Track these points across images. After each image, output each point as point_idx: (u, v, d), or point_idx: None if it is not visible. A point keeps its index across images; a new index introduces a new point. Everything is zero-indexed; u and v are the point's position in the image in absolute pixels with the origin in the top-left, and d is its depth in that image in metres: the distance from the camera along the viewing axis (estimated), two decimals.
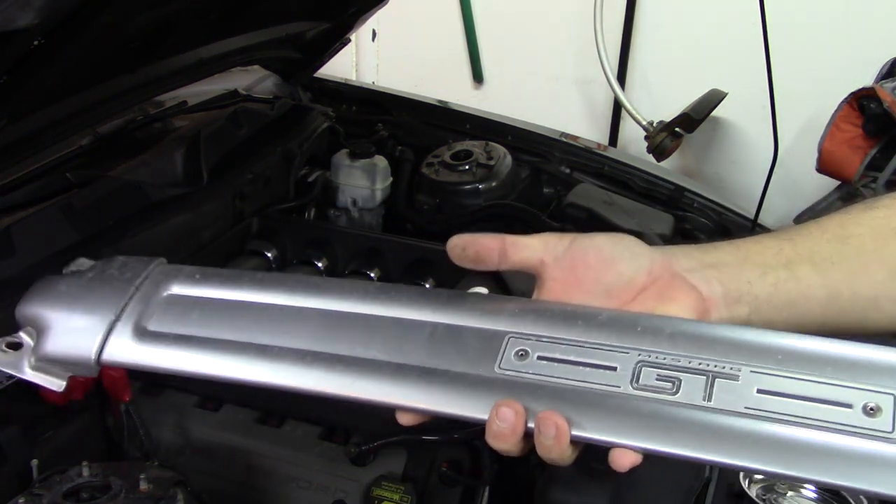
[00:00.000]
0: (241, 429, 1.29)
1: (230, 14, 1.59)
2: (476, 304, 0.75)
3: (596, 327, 0.69)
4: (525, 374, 0.68)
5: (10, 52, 1.03)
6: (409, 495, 1.18)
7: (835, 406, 0.61)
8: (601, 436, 0.63)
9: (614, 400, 0.64)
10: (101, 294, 0.83)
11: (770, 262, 0.74)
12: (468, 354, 0.70)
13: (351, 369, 0.72)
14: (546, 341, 0.69)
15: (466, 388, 0.68)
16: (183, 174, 1.66)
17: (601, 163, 2.15)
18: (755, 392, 0.62)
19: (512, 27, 3.72)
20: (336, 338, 0.75)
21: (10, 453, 1.09)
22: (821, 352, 0.64)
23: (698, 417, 0.62)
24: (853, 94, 2.72)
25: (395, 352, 0.72)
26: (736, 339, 0.66)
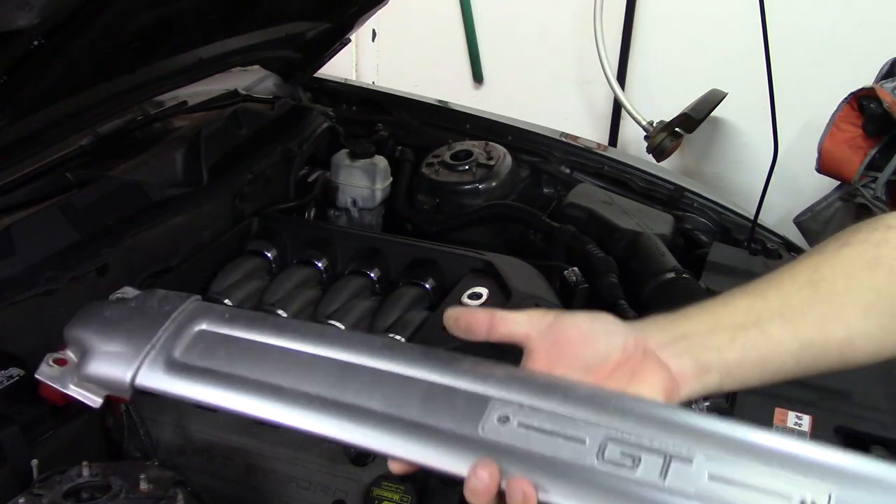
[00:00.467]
0: (241, 429, 1.29)
1: (230, 14, 1.59)
2: (469, 368, 0.81)
3: (573, 400, 0.75)
4: (503, 439, 0.74)
5: (10, 52, 1.03)
6: (409, 495, 1.18)
7: (776, 498, 0.66)
8: (563, 503, 0.70)
9: (580, 471, 0.71)
10: (140, 323, 0.90)
11: (740, 323, 0.78)
12: (456, 415, 0.77)
13: (353, 417, 0.79)
14: (527, 408, 0.76)
15: (451, 446, 0.75)
16: (183, 174, 1.66)
17: (601, 163, 2.16)
18: (706, 478, 0.68)
19: (512, 27, 3.72)
20: (343, 386, 0.82)
21: (10, 453, 1.09)
22: (769, 445, 0.70)
23: (651, 496, 0.68)
24: (853, 94, 2.72)
25: (393, 405, 0.79)
26: (696, 426, 0.72)
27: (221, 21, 1.59)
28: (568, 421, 0.74)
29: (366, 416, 0.79)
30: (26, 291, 1.25)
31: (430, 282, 1.61)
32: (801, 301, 0.80)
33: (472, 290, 1.48)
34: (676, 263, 1.64)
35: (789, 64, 2.78)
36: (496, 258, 1.58)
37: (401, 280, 1.64)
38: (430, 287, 1.61)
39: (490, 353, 0.85)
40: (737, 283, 1.11)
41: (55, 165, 1.51)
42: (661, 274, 1.59)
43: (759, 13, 1.60)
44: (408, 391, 0.80)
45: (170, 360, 0.87)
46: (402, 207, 1.98)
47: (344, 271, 1.68)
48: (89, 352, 0.90)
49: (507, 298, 1.45)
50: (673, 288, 1.55)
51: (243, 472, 1.26)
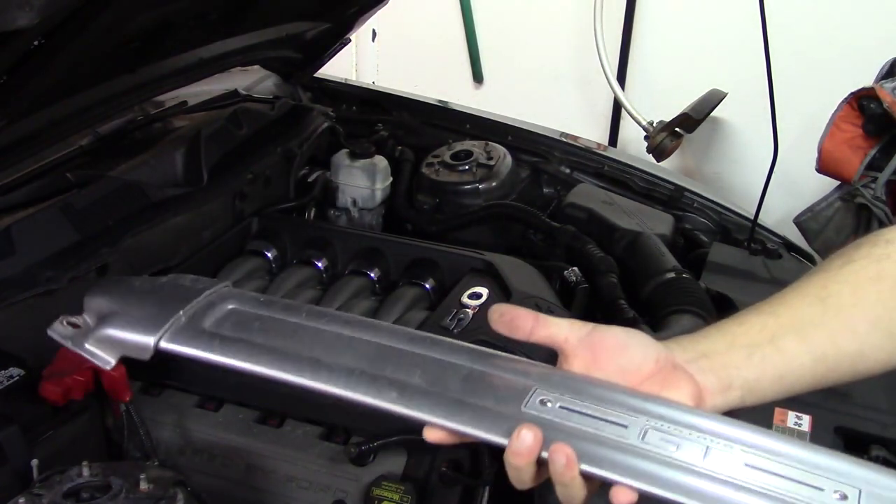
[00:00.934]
0: (241, 429, 1.29)
1: (230, 14, 1.59)
2: (508, 363, 0.83)
3: (612, 395, 0.77)
4: (547, 416, 0.76)
5: (10, 52, 1.03)
6: (409, 495, 1.18)
7: (809, 489, 0.69)
8: (606, 472, 0.71)
9: (622, 447, 0.73)
10: (172, 294, 0.93)
11: (755, 341, 0.82)
12: (498, 395, 0.78)
13: (393, 387, 0.80)
14: (567, 397, 0.78)
15: (494, 417, 0.76)
16: (183, 174, 1.66)
17: (601, 163, 2.16)
18: (743, 465, 0.71)
19: (512, 27, 3.72)
20: (383, 363, 0.83)
21: (10, 453, 1.09)
22: (800, 450, 0.73)
23: (694, 473, 0.70)
24: (853, 94, 2.72)
25: (433, 382, 0.80)
26: (730, 426, 0.75)
27: (221, 21, 1.59)
28: (608, 409, 0.76)
29: (407, 388, 0.80)
30: (26, 291, 1.25)
31: (430, 282, 1.61)
32: (812, 317, 0.83)
33: (472, 290, 1.48)
34: (676, 263, 1.64)
35: (789, 64, 2.78)
36: (496, 258, 1.58)
37: (401, 280, 1.64)
38: (430, 287, 1.61)
39: (518, 352, 0.88)
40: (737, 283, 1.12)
41: (55, 165, 1.51)
42: (660, 274, 1.59)
43: (759, 13, 1.60)
44: (448, 373, 0.81)
45: (198, 329, 0.88)
46: (402, 207, 1.98)
47: (344, 271, 1.68)
48: (113, 315, 0.91)
49: (507, 298, 1.45)
50: (673, 288, 1.55)
51: (243, 472, 1.26)
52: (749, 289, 1.64)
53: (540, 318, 0.83)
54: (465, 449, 1.24)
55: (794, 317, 0.83)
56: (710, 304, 1.51)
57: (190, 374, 1.34)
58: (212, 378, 1.33)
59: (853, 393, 1.34)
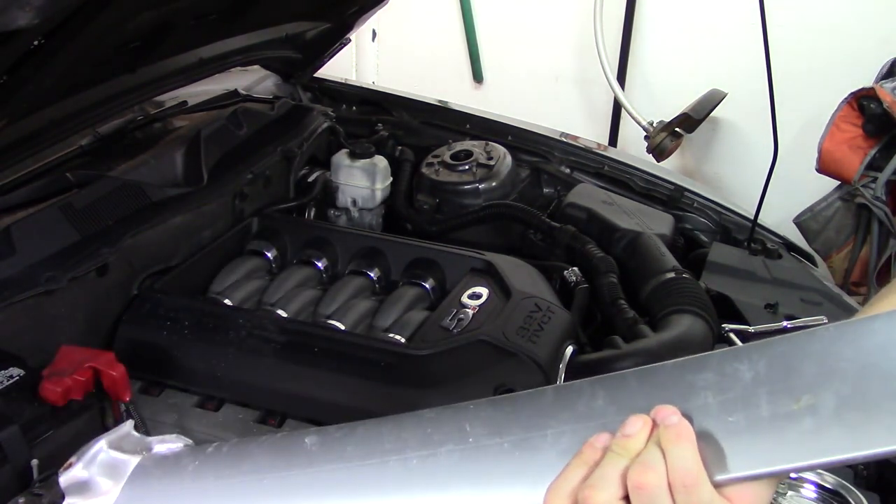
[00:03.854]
0: (241, 429, 1.29)
1: (230, 14, 1.59)
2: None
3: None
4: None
5: (10, 52, 1.03)
6: None
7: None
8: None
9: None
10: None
11: None
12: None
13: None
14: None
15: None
16: (183, 174, 1.66)
17: (601, 163, 2.16)
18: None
19: (512, 27, 3.72)
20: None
21: (10, 453, 1.09)
22: None
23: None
24: (853, 94, 2.72)
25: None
26: None
27: (221, 21, 1.59)
28: None
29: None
30: (26, 291, 1.25)
31: (430, 282, 1.61)
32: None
33: (472, 290, 1.48)
34: (676, 263, 1.64)
35: (789, 64, 2.78)
36: (496, 258, 1.58)
37: (401, 280, 1.64)
38: (430, 287, 1.61)
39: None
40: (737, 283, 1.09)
41: (55, 165, 1.51)
42: (660, 274, 1.59)
43: (759, 13, 1.60)
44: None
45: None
46: (402, 207, 1.98)
47: (344, 271, 1.68)
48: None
49: (507, 298, 1.45)
50: (673, 288, 1.55)
51: None
52: (749, 289, 1.64)
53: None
54: None
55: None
56: (710, 304, 1.51)
57: (190, 373, 1.35)
58: (212, 378, 1.34)
59: None
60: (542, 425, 0.72)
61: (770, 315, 1.53)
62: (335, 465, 0.80)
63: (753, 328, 1.43)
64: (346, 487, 0.79)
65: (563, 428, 0.71)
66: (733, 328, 1.44)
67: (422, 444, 0.76)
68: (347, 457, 0.80)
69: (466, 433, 0.75)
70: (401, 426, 0.79)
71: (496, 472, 0.73)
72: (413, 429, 0.78)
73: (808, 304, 1.62)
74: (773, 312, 1.54)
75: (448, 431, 0.76)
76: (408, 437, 0.77)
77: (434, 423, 0.78)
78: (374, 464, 0.78)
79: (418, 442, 0.76)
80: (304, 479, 0.81)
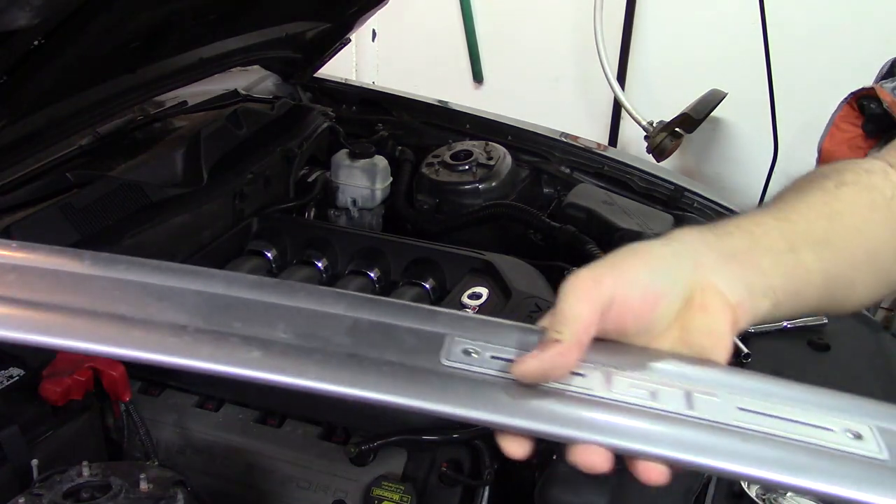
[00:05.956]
0: (241, 429, 1.29)
1: (230, 14, 1.59)
2: (403, 309, 0.65)
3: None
4: (478, 369, 0.60)
5: (10, 52, 1.03)
6: (409, 495, 1.18)
7: (817, 430, 0.60)
8: (580, 433, 0.58)
9: (590, 400, 0.60)
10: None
11: (778, 247, 0.72)
12: (404, 346, 0.60)
13: (252, 345, 0.58)
14: (495, 344, 0.63)
15: (409, 375, 0.58)
16: (183, 174, 1.66)
17: (601, 163, 2.15)
18: (735, 409, 0.60)
19: (512, 27, 3.72)
20: (227, 317, 0.61)
21: (10, 453, 1.09)
22: (799, 392, 0.64)
23: (677, 425, 0.59)
24: (853, 94, 2.72)
25: (307, 337, 0.59)
26: (713, 372, 0.64)
27: (221, 21, 1.59)
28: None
29: (271, 345, 0.59)
30: None
31: (430, 282, 1.61)
32: (825, 233, 0.75)
33: (472, 290, 1.48)
34: None
35: (789, 64, 2.78)
36: (496, 258, 1.58)
37: (401, 280, 1.64)
38: (430, 287, 1.61)
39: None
40: None
41: (55, 165, 1.51)
42: None
43: (759, 13, 1.60)
44: (325, 323, 0.61)
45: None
46: (402, 207, 1.98)
47: (344, 271, 1.68)
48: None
49: (507, 298, 1.45)
50: None
51: (243, 472, 1.26)
52: None
53: (567, 354, 0.61)
54: (464, 449, 1.24)
55: (808, 229, 0.74)
56: None
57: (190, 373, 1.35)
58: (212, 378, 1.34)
59: (853, 393, 1.33)
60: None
61: None
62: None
63: (753, 328, 1.43)
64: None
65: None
66: None
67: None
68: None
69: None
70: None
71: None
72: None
73: None
74: None
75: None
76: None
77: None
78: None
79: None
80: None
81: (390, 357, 0.59)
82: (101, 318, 0.60)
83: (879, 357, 1.43)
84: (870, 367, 1.40)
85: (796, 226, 0.74)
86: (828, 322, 1.43)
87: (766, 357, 1.34)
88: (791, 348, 1.40)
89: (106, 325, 0.60)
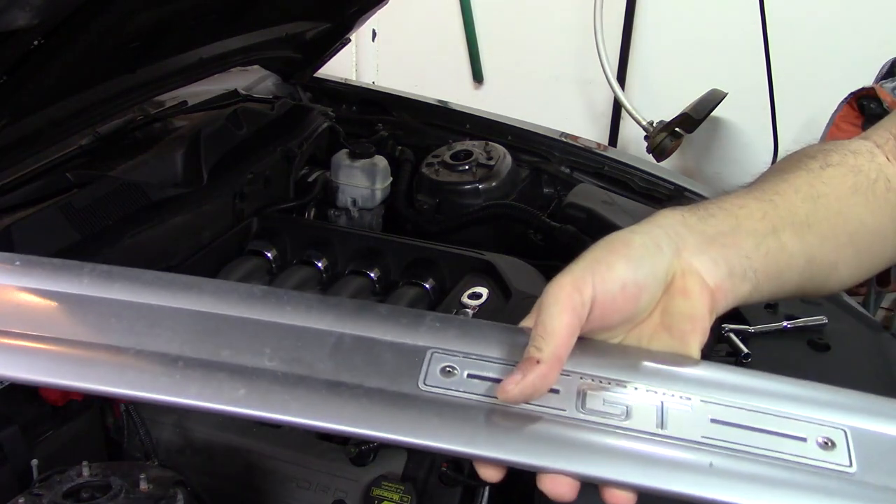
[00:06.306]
0: (241, 429, 1.29)
1: (230, 14, 1.59)
2: (387, 316, 0.66)
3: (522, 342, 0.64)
4: (455, 392, 0.61)
5: (10, 52, 1.03)
6: (409, 495, 1.18)
7: (790, 440, 0.60)
8: (541, 462, 0.60)
9: (559, 421, 0.61)
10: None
11: (760, 230, 0.73)
12: (383, 368, 0.62)
13: (238, 379, 0.60)
14: (476, 359, 0.64)
15: (385, 405, 0.60)
16: (183, 174, 1.66)
17: (601, 163, 2.15)
18: (708, 421, 0.60)
19: (512, 27, 3.72)
20: (213, 342, 0.62)
21: (10, 453, 1.09)
22: (775, 387, 0.64)
23: (649, 447, 0.59)
24: (853, 94, 2.72)
25: (292, 361, 0.61)
26: (688, 372, 0.64)
27: (221, 21, 1.59)
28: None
29: (258, 376, 0.61)
30: None
31: (430, 282, 1.61)
32: (807, 215, 0.75)
33: (472, 290, 1.48)
34: None
35: (789, 64, 2.78)
36: (496, 258, 1.58)
37: (401, 280, 1.64)
38: (430, 287, 1.61)
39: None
40: None
41: (55, 165, 1.51)
42: None
43: (759, 13, 1.60)
44: (310, 344, 0.63)
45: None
46: (402, 207, 1.98)
47: (344, 271, 1.68)
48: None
49: (507, 298, 1.45)
50: None
51: (243, 472, 1.26)
52: None
53: (550, 367, 0.61)
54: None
55: (790, 211, 0.74)
56: None
57: None
58: None
59: None
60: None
61: (770, 315, 1.52)
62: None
63: (753, 328, 1.43)
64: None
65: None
66: (733, 328, 1.43)
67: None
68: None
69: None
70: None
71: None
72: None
73: (808, 303, 1.61)
74: (773, 312, 1.53)
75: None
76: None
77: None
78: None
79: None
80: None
81: (370, 383, 0.61)
82: (95, 352, 0.62)
83: (879, 357, 1.43)
84: (870, 367, 1.40)
85: (778, 208, 0.74)
86: (828, 322, 1.43)
87: (766, 357, 1.34)
88: (791, 348, 1.40)
89: (101, 361, 0.62)
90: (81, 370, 0.61)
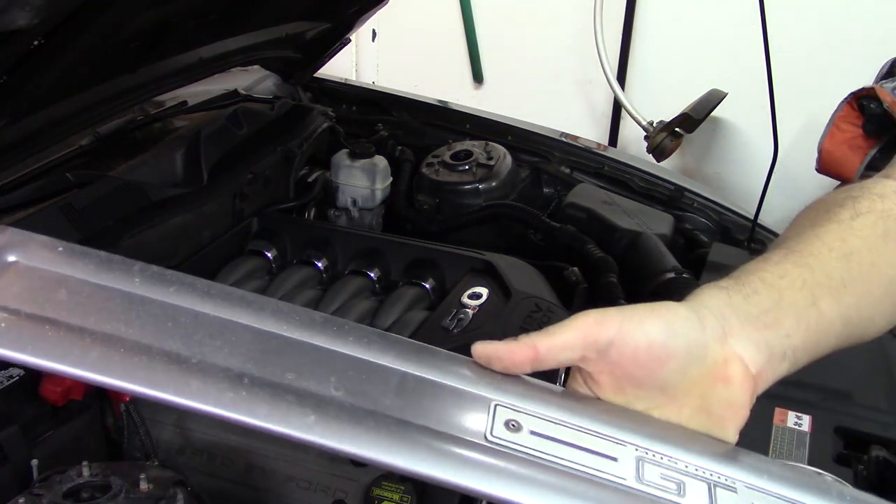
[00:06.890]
0: (241, 429, 1.28)
1: (230, 14, 1.59)
2: (450, 360, 0.65)
3: (590, 414, 0.64)
4: (519, 448, 0.60)
5: (10, 52, 1.03)
6: (409, 495, 1.17)
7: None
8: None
9: (619, 489, 0.60)
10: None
11: (800, 302, 0.73)
12: (446, 414, 0.60)
13: (307, 404, 0.58)
14: (538, 417, 0.62)
15: (452, 455, 0.58)
16: (183, 174, 1.66)
17: (601, 163, 2.16)
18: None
19: (512, 27, 3.72)
20: (278, 362, 0.60)
21: (10, 453, 1.09)
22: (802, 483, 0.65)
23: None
24: (853, 94, 2.72)
25: (358, 394, 0.59)
26: (733, 457, 0.66)
27: (221, 21, 1.59)
28: (591, 434, 0.62)
29: (324, 405, 0.59)
30: None
31: (430, 282, 1.61)
32: (842, 276, 0.75)
33: (472, 290, 1.48)
34: (676, 263, 1.64)
35: (789, 64, 2.77)
36: (496, 258, 1.58)
37: (401, 280, 1.64)
38: (430, 287, 1.61)
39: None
40: None
41: (55, 165, 1.51)
42: (660, 274, 1.59)
43: (759, 13, 1.60)
44: (374, 378, 0.61)
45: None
46: (402, 207, 1.98)
47: (344, 271, 1.68)
48: None
49: (507, 298, 1.45)
50: (673, 288, 1.55)
51: (243, 472, 1.26)
52: None
53: (539, 347, 0.66)
54: None
55: (827, 274, 0.74)
56: None
57: None
58: None
59: (853, 393, 1.34)
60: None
61: None
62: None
63: None
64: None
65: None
66: None
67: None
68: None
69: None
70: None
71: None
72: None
73: None
74: None
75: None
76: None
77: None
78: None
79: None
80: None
81: (438, 426, 0.59)
82: (156, 358, 0.59)
83: (879, 357, 1.43)
84: (870, 367, 1.40)
85: (815, 272, 0.74)
86: None
87: None
88: None
89: (163, 367, 0.58)
90: (142, 374, 0.58)
